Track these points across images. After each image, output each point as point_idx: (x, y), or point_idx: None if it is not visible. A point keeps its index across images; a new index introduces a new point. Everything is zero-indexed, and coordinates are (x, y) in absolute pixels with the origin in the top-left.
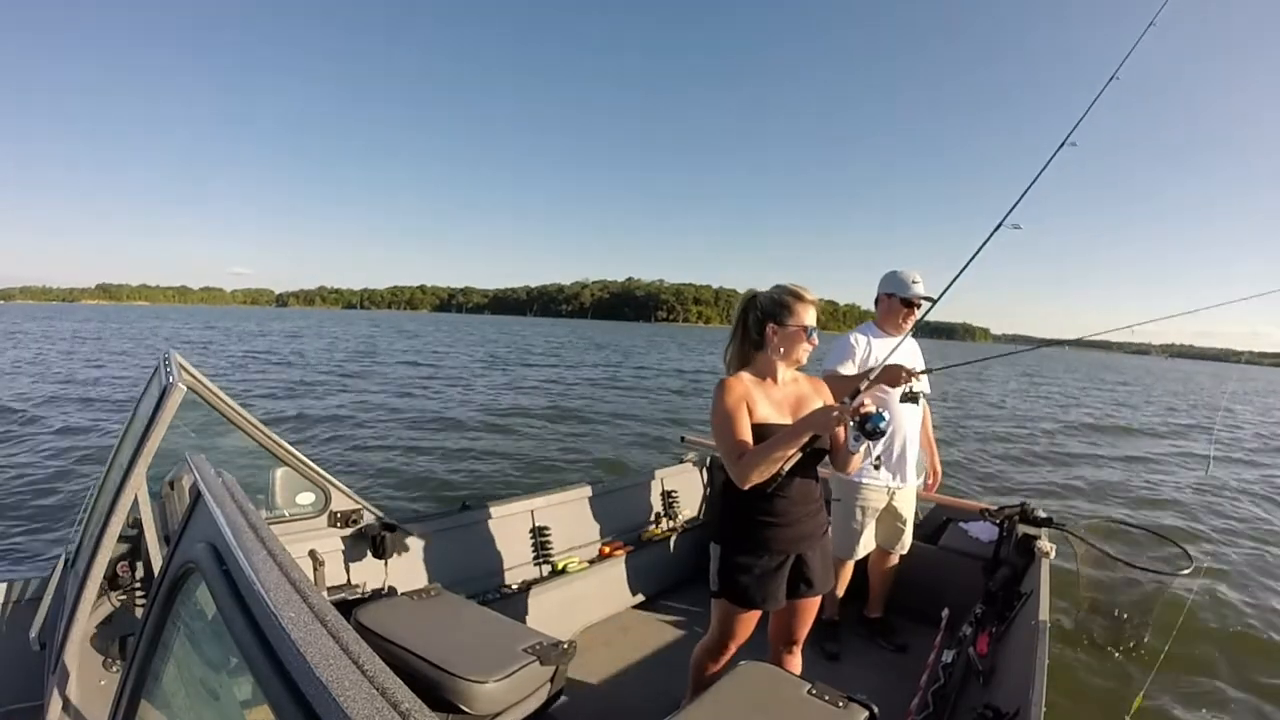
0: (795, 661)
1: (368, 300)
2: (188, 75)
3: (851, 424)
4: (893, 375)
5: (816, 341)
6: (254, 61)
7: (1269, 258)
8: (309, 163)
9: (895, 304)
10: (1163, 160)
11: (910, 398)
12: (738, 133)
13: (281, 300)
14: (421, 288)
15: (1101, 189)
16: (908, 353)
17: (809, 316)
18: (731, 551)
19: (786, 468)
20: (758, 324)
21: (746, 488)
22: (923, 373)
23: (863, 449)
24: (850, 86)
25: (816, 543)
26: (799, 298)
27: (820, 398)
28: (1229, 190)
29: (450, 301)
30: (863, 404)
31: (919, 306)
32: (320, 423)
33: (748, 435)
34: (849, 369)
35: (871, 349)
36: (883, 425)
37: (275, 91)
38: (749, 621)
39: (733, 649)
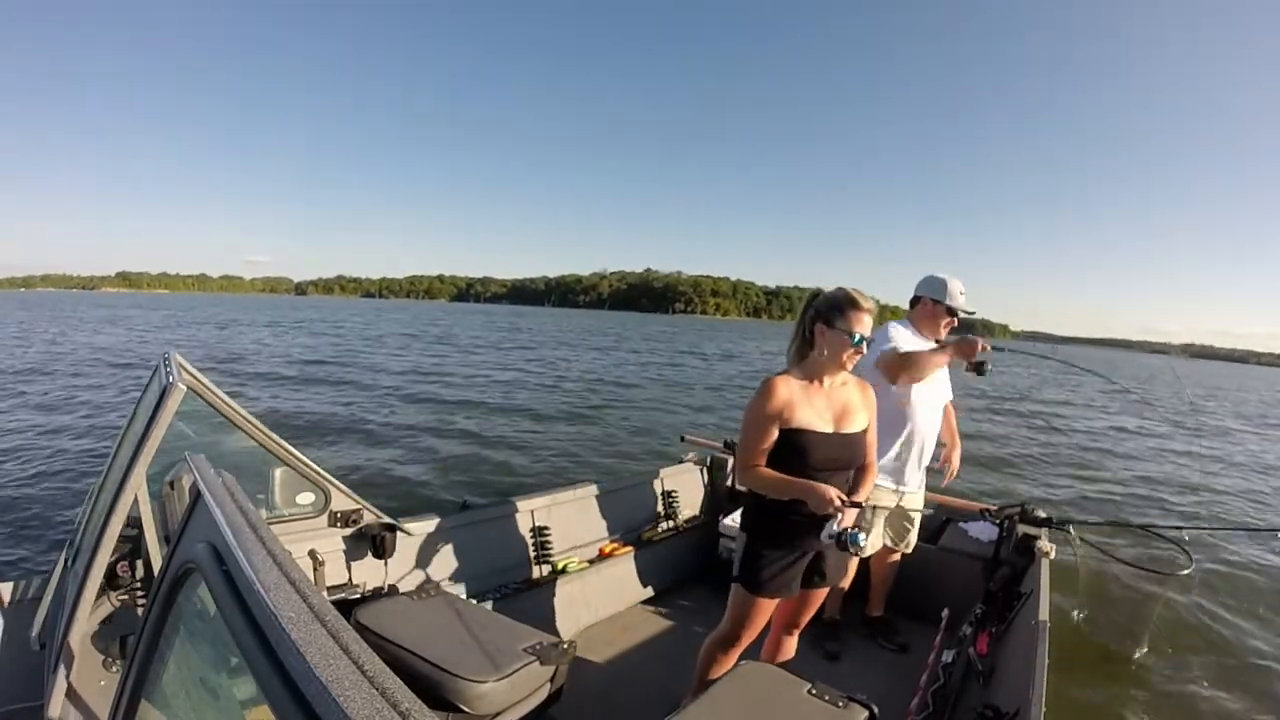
0: (792, 644)
1: (386, 289)
2: (202, 62)
3: (836, 522)
4: (968, 348)
5: (865, 351)
6: (270, 49)
7: None
8: (326, 152)
9: (940, 310)
10: (1194, 156)
11: (976, 367)
12: (758, 126)
13: (300, 289)
14: (440, 277)
15: (1128, 185)
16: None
17: (861, 324)
18: (756, 542)
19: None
20: (810, 322)
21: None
22: (996, 348)
23: (824, 533)
24: (864, 83)
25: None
26: (854, 303)
27: (866, 409)
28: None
29: (468, 291)
30: (848, 518)
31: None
32: (320, 421)
33: (766, 447)
34: (909, 346)
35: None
36: (857, 545)
37: (292, 78)
38: (763, 611)
39: (745, 641)
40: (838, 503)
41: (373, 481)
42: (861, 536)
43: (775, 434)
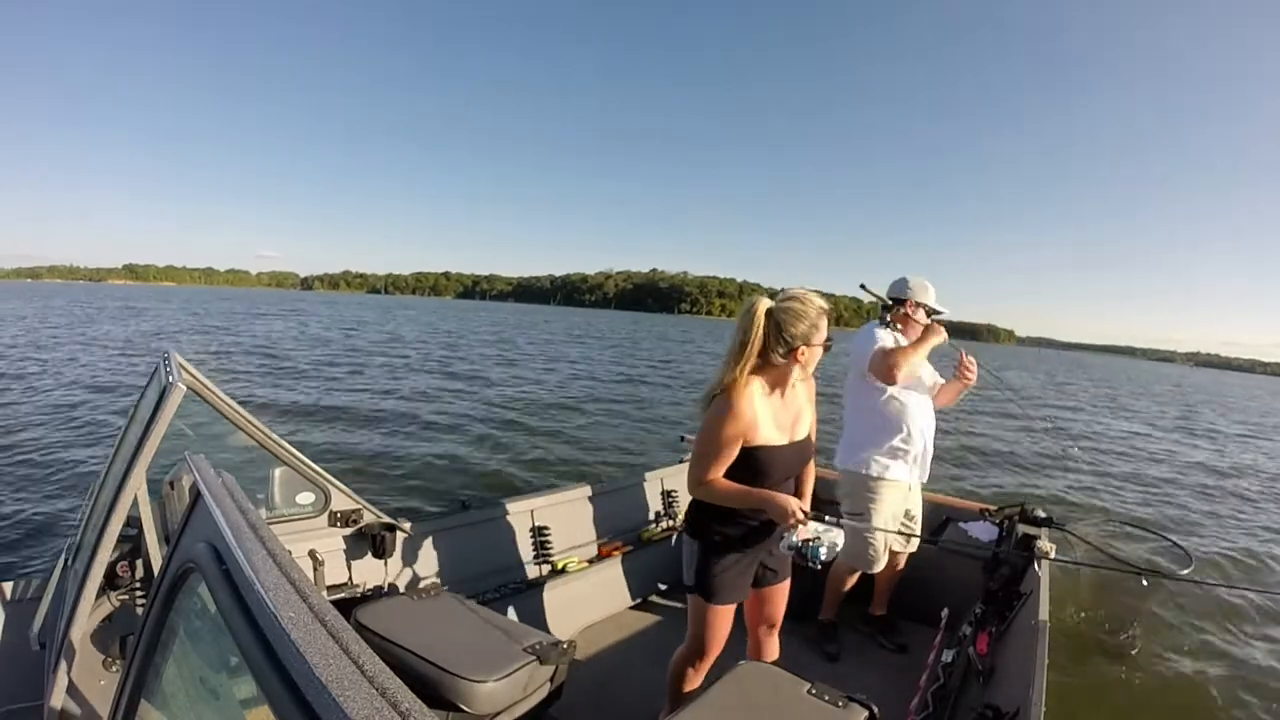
0: (774, 643)
1: (392, 285)
2: (212, 57)
3: (796, 533)
4: (939, 335)
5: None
6: (278, 46)
7: None
8: (334, 147)
9: (918, 311)
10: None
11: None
12: (762, 128)
13: (306, 284)
14: (446, 274)
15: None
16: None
17: (826, 327)
18: (709, 549)
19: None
20: (784, 344)
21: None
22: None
23: (784, 544)
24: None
25: (780, 536)
26: (822, 311)
27: (809, 405)
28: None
29: (474, 288)
30: (808, 530)
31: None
32: (322, 421)
33: (723, 467)
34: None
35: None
36: (817, 558)
37: (300, 73)
38: (724, 619)
39: (712, 653)
40: (799, 515)
41: (373, 481)
42: (823, 551)
43: (736, 452)
